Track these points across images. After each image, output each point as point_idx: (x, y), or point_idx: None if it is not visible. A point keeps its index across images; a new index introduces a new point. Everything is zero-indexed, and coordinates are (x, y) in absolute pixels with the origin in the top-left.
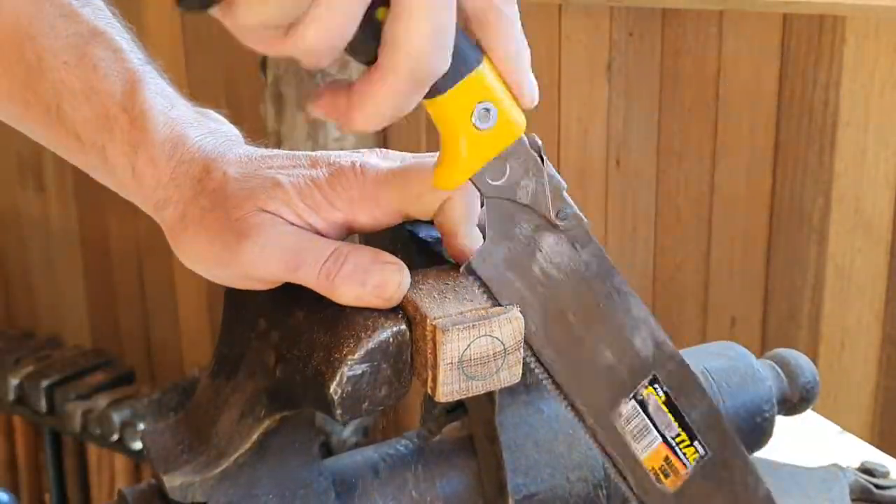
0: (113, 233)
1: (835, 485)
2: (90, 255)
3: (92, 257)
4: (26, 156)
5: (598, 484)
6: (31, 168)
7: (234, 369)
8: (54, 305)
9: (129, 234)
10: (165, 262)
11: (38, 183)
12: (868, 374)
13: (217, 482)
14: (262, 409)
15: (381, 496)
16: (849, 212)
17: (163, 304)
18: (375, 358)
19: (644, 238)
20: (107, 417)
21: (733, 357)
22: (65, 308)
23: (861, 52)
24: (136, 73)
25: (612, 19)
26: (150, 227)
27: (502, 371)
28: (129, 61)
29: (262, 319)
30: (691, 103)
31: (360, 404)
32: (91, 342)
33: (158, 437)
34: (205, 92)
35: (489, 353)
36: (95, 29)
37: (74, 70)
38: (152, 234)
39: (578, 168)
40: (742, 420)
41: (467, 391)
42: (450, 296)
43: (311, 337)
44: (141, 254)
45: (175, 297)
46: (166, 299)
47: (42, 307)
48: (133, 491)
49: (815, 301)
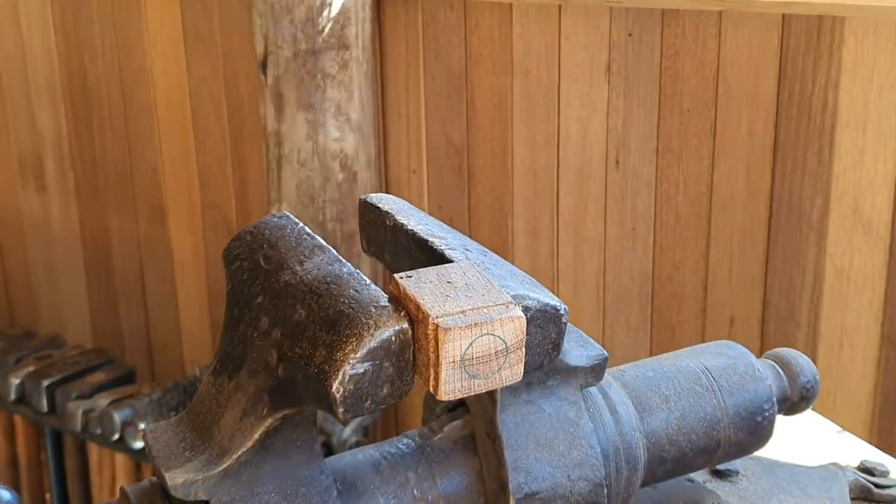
0: (114, 233)
1: (834, 484)
2: (91, 255)
3: (93, 257)
4: (27, 156)
5: (599, 482)
6: (33, 168)
7: (236, 368)
8: (55, 305)
9: (130, 234)
10: (166, 262)
11: (39, 183)
12: (867, 374)
13: (219, 480)
14: (264, 408)
15: (383, 494)
16: (848, 212)
17: (163, 304)
18: (378, 356)
19: (643, 238)
20: (108, 417)
21: (733, 356)
22: (66, 308)
23: (860, 52)
24: None
25: (611, 19)
26: (151, 227)
27: (504, 370)
28: None
29: (265, 318)
30: (690, 103)
31: (362, 402)
32: (92, 342)
33: (161, 435)
34: (205, 92)
35: (491, 352)
36: None
37: None
38: (153, 235)
39: (578, 168)
40: (742, 419)
41: (469, 390)
42: (451, 294)
43: (314, 335)
44: (141, 254)
45: (175, 297)
46: (167, 299)
47: (43, 307)
48: (135, 488)
49: (814, 301)
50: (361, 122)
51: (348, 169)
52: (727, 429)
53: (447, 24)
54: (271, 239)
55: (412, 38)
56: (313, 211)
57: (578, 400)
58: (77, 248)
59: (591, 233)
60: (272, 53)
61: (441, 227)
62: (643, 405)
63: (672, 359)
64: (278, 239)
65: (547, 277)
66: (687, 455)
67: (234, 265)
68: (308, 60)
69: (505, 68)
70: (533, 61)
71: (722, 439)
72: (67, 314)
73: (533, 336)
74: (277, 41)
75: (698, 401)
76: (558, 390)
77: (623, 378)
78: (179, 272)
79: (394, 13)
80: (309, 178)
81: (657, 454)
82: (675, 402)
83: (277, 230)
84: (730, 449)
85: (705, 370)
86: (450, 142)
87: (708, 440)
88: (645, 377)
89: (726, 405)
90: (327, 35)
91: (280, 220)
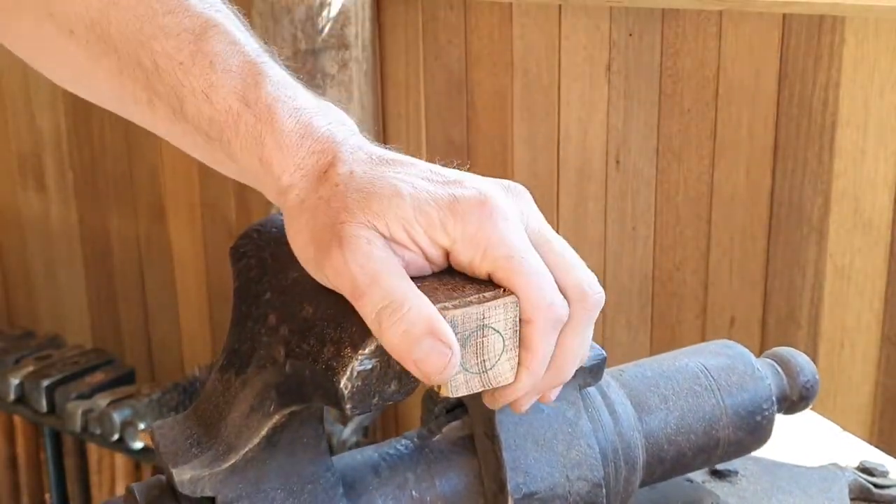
0: (113, 232)
1: (834, 484)
2: (91, 254)
3: (92, 257)
4: (27, 155)
5: (597, 482)
6: (32, 168)
7: (243, 364)
8: (55, 305)
9: (130, 233)
10: (166, 261)
11: (38, 183)
12: (867, 374)
13: (226, 476)
14: (271, 404)
15: (382, 496)
16: (848, 212)
17: (163, 304)
18: (385, 353)
19: (643, 238)
20: (107, 417)
21: (732, 356)
22: (65, 308)
23: (860, 52)
24: (255, 65)
25: (611, 19)
26: (151, 226)
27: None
28: (246, 53)
29: (272, 314)
30: (691, 103)
31: (369, 399)
32: (91, 342)
33: (168, 432)
34: None
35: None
36: (207, 22)
37: (191, 70)
38: (153, 234)
39: (578, 168)
40: (741, 419)
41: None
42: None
43: (321, 331)
44: (141, 253)
45: (175, 296)
46: (166, 299)
47: (42, 307)
48: (142, 486)
49: (815, 301)
50: (361, 121)
51: None
52: (726, 428)
53: (447, 23)
54: (279, 236)
55: (412, 37)
56: None
57: (577, 400)
58: (76, 248)
59: (591, 233)
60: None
61: None
62: (642, 405)
63: (671, 358)
64: (285, 236)
65: None
66: (686, 455)
67: (242, 262)
68: (308, 60)
69: (505, 68)
70: (533, 61)
71: (721, 439)
72: (67, 314)
73: None
74: (277, 41)
75: (697, 400)
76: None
77: (622, 378)
78: (179, 272)
79: (394, 13)
80: None
81: (656, 454)
82: (673, 402)
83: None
84: (729, 448)
85: (704, 369)
86: (450, 142)
87: (707, 440)
88: (644, 377)
89: (725, 404)
90: (327, 35)
91: None
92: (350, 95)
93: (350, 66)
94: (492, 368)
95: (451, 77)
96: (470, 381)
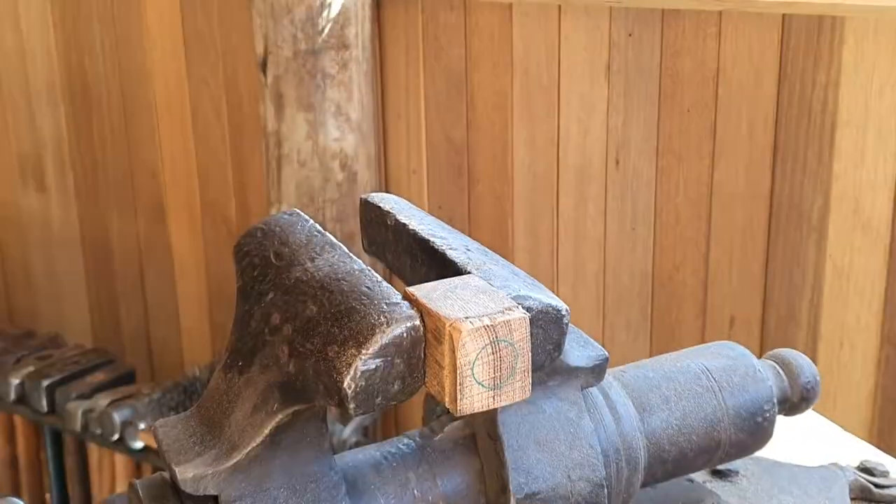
0: (113, 233)
1: (834, 484)
2: (91, 254)
3: (93, 257)
4: (27, 156)
5: (599, 483)
6: (32, 168)
7: (247, 363)
8: (55, 305)
9: (130, 233)
10: (166, 261)
11: (39, 183)
12: (867, 374)
13: (229, 475)
14: (274, 403)
15: (383, 495)
16: (848, 212)
17: (163, 304)
18: (389, 353)
19: (643, 238)
20: (107, 417)
21: (734, 357)
22: (66, 307)
23: (860, 52)
24: None
25: (611, 19)
26: (151, 226)
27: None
28: None
29: (276, 314)
30: (690, 103)
31: (373, 398)
32: (92, 341)
33: (171, 430)
34: (205, 92)
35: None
36: None
37: None
38: (153, 234)
39: (578, 168)
40: (742, 420)
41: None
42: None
43: (325, 331)
44: (141, 254)
45: (175, 296)
46: (166, 299)
47: (43, 307)
48: (145, 482)
49: (814, 301)
50: (361, 122)
51: (348, 169)
52: (727, 429)
53: (447, 24)
54: (282, 236)
55: (412, 38)
56: (313, 211)
57: (579, 400)
58: (77, 248)
59: (591, 233)
60: (272, 53)
61: (442, 226)
62: (644, 406)
63: (673, 359)
64: (289, 235)
65: (547, 277)
66: (687, 455)
67: (245, 261)
68: (308, 60)
69: (505, 68)
70: (533, 61)
71: (722, 440)
72: (67, 314)
73: (535, 337)
74: (277, 41)
75: (699, 401)
76: (559, 391)
77: (624, 378)
78: (179, 272)
79: (394, 13)
80: (309, 177)
81: (657, 454)
82: (675, 403)
83: (288, 227)
84: (730, 449)
85: (706, 371)
86: (450, 142)
87: (708, 440)
88: (645, 377)
89: (727, 406)
90: (327, 35)
91: (290, 217)
92: (350, 95)
93: (350, 66)
94: (505, 384)
95: (451, 77)
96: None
